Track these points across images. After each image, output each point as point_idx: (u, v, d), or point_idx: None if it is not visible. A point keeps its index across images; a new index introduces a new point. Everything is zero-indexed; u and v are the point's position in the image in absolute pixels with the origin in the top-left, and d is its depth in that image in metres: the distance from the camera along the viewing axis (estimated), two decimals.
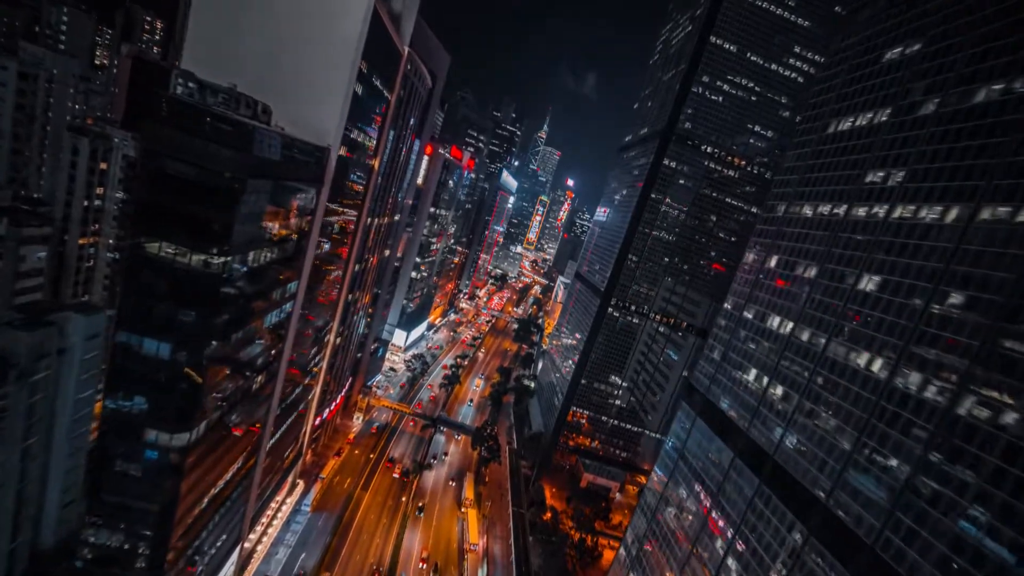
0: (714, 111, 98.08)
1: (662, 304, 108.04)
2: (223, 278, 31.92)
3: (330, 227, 53.95)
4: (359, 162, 57.59)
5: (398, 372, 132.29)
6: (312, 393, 70.89)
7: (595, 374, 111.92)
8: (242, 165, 31.78)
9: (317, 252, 51.04)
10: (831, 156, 43.18)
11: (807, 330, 40.11)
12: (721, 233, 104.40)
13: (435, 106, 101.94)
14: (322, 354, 69.23)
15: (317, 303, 58.21)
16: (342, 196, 54.58)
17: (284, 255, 42.72)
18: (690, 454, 53.39)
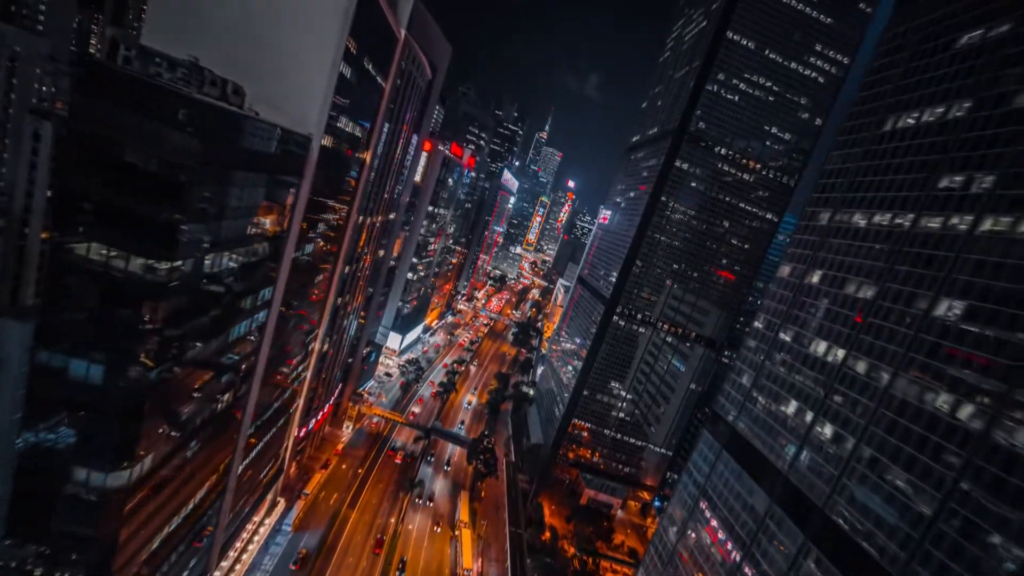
0: (729, 111, 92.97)
1: (669, 313, 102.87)
2: (170, 287, 26.45)
3: (314, 226, 48.47)
4: (349, 155, 52.12)
5: (392, 377, 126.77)
6: (295, 405, 65.38)
7: (597, 385, 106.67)
8: (198, 152, 26.33)
9: (299, 254, 45.58)
10: (889, 157, 37.70)
11: (864, 361, 34.44)
12: (734, 239, 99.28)
13: (435, 99, 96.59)
14: (306, 363, 63.73)
15: (299, 309, 52.72)
16: (328, 192, 49.11)
17: (256, 257, 37.25)
18: (715, 492, 47.46)
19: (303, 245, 46.63)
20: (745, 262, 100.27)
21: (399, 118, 74.45)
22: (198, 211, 27.93)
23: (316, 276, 55.31)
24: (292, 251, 42.66)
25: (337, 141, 45.79)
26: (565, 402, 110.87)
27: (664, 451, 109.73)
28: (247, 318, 38.09)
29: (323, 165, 44.19)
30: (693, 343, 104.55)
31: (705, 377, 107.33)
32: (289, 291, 46.63)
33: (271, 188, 37.06)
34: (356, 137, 52.49)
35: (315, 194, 44.08)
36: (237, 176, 31.69)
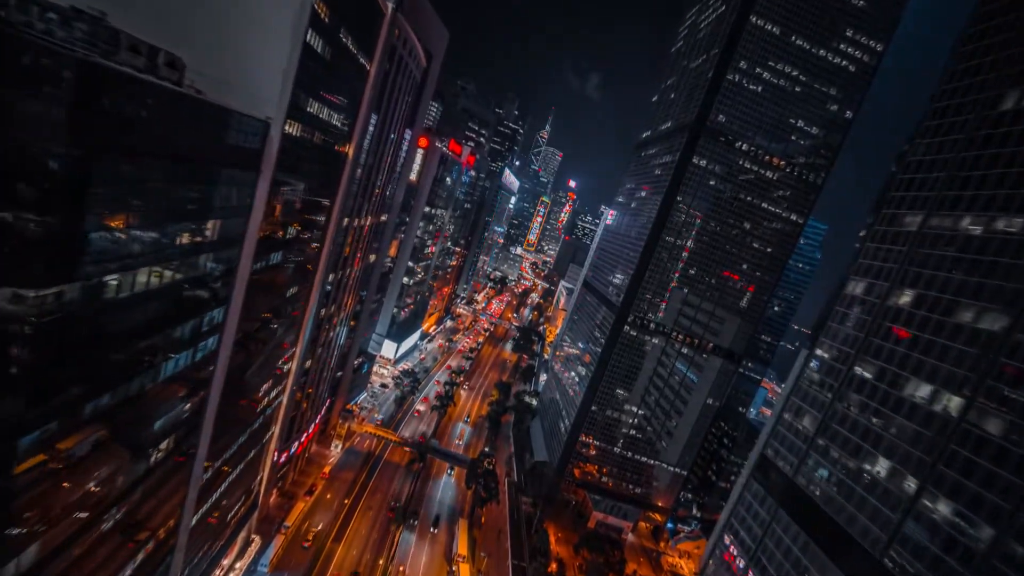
0: (751, 103, 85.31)
1: (684, 322, 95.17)
2: (44, 323, 18.78)
3: (281, 231, 40.76)
4: (325, 147, 44.42)
5: (387, 389, 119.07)
6: (270, 433, 57.74)
7: (606, 400, 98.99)
8: (82, 133, 18.71)
9: (260, 265, 37.89)
10: (1015, 144, 29.49)
11: (998, 418, 25.53)
12: (755, 243, 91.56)
13: (430, 91, 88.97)
14: (282, 386, 56.06)
15: (268, 328, 45.05)
16: (299, 190, 41.41)
17: (196, 273, 29.60)
18: (771, 562, 38.75)
19: (267, 254, 38.93)
20: (766, 267, 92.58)
21: (390, 109, 66.83)
22: (96, 216, 20.27)
23: (289, 288, 47.63)
24: (250, 263, 34.92)
25: (308, 130, 38.09)
26: (571, 417, 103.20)
27: (678, 470, 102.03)
28: (187, 349, 30.39)
29: (289, 158, 36.49)
30: (709, 354, 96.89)
31: (722, 391, 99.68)
32: (251, 309, 38.96)
33: (215, 185, 29.40)
34: (335, 127, 44.81)
35: (280, 193, 36.35)
36: (158, 169, 24.01)
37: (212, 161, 28.65)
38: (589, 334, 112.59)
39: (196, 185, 27.99)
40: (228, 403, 40.66)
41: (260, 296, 40.55)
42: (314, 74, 35.90)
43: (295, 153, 37.61)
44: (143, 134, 23.10)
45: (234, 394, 41.86)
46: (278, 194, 37.61)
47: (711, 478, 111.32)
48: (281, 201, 39.26)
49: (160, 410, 30.09)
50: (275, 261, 40.98)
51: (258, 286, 38.79)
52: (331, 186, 50.21)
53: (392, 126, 71.54)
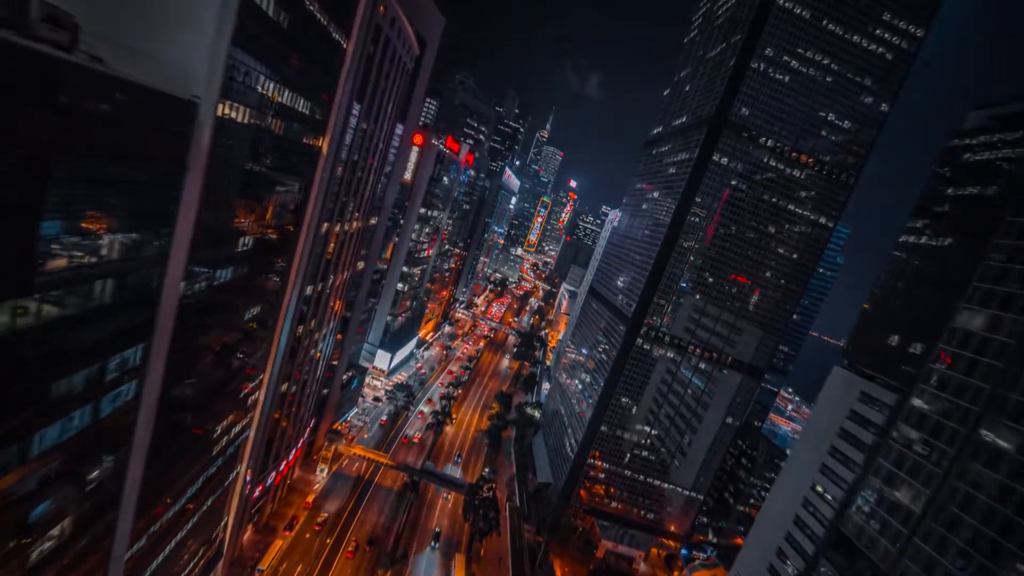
0: (777, 94, 77.50)
1: (703, 334, 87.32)
2: None
3: (227, 241, 32.90)
4: (289, 139, 36.57)
5: (379, 404, 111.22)
6: (235, 472, 49.88)
7: (616, 419, 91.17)
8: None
9: (198, 286, 30.08)
10: None
11: None
12: (780, 248, 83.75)
13: (424, 81, 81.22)
14: (249, 418, 48.22)
15: (223, 357, 37.22)
16: (250, 190, 33.54)
17: (94, 303, 21.80)
18: None
19: (210, 271, 31.09)
20: (792, 275, 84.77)
21: (376, 99, 59.06)
22: None
23: (250, 308, 39.80)
24: (179, 284, 27.11)
25: (259, 115, 30.24)
26: (577, 437, 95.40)
27: (693, 494, 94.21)
28: (82, 405, 22.56)
29: (234, 151, 28.68)
30: (728, 368, 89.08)
31: (741, 408, 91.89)
32: (192, 340, 31.18)
33: (116, 186, 21.57)
34: (301, 115, 36.95)
35: (218, 193, 28.52)
36: (29, 164, 16.22)
37: (115, 152, 20.87)
38: (597, 346, 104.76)
39: (91, 186, 20.23)
40: (167, 454, 32.91)
41: (206, 322, 32.74)
42: (263, 43, 28.05)
43: (243, 145, 29.77)
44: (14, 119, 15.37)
45: (176, 441, 34.09)
46: (222, 197, 29.79)
47: (728, 500, 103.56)
48: (230, 205, 31.46)
49: (46, 490, 22.28)
50: (224, 279, 33.13)
51: (201, 311, 31.00)
52: (301, 186, 42.37)
53: (380, 119, 63.78)
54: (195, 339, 31.63)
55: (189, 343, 30.80)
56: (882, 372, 66.28)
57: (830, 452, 69.18)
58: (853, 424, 67.59)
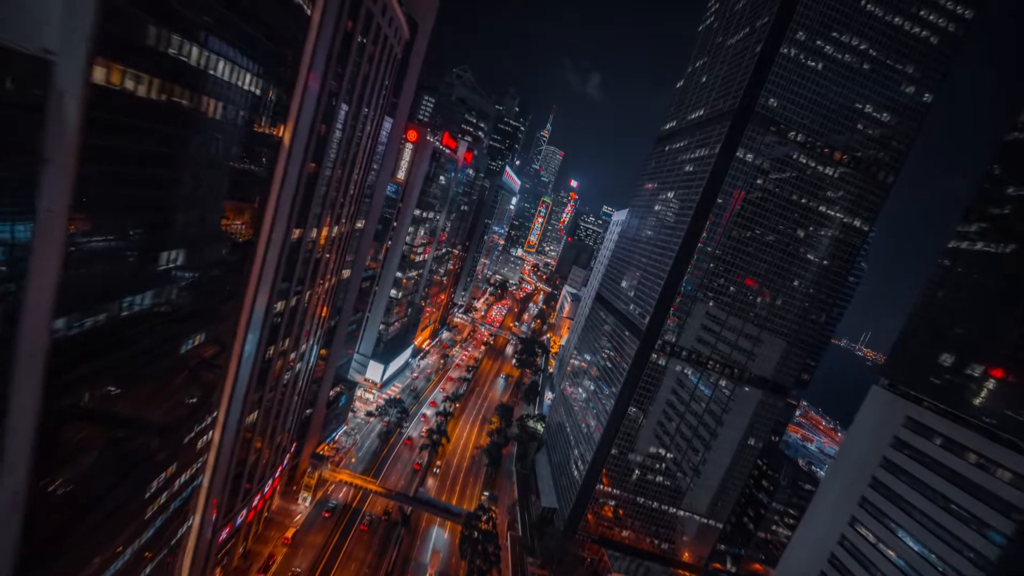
0: (810, 83, 69.60)
1: (723, 348, 79.47)
2: None
3: (146, 255, 25.04)
4: (230, 123, 28.67)
5: (372, 419, 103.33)
6: (188, 524, 42.05)
7: (626, 443, 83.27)
8: None
9: (102, 318, 22.23)
10: None
11: None
12: (809, 253, 75.87)
13: (416, 69, 73.38)
14: (200, 463, 40.34)
15: (134, 408, 29.35)
16: (168, 192, 25.61)
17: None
18: None
19: (113, 300, 23.23)
20: (821, 283, 76.93)
21: (358, 85, 51.24)
22: None
23: (188, 339, 31.92)
24: (49, 318, 19.27)
25: (171, 86, 22.33)
26: (584, 460, 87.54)
27: (712, 522, 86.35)
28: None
29: (126, 135, 20.82)
30: (750, 385, 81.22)
31: (763, 429, 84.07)
32: (80, 394, 23.33)
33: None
34: (244, 92, 29.05)
35: (109, 197, 20.63)
36: None
37: None
38: (605, 359, 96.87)
39: None
40: (70, 540, 25.14)
41: (112, 365, 24.91)
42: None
43: (147, 129, 21.89)
44: None
45: (80, 524, 26.24)
46: (120, 201, 21.94)
47: (747, 526, 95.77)
48: (138, 210, 23.63)
49: None
50: (140, 306, 25.29)
51: (98, 352, 23.18)
52: (255, 185, 34.51)
53: (364, 110, 55.94)
54: (91, 390, 23.78)
55: (79, 398, 22.94)
56: (932, 395, 58.63)
57: (872, 484, 61.56)
58: (898, 453, 60.04)
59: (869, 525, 60.44)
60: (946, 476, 53.72)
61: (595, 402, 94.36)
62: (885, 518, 58.10)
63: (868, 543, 59.46)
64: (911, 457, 58.44)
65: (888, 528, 57.63)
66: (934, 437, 57.02)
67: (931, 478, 55.30)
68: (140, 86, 20.48)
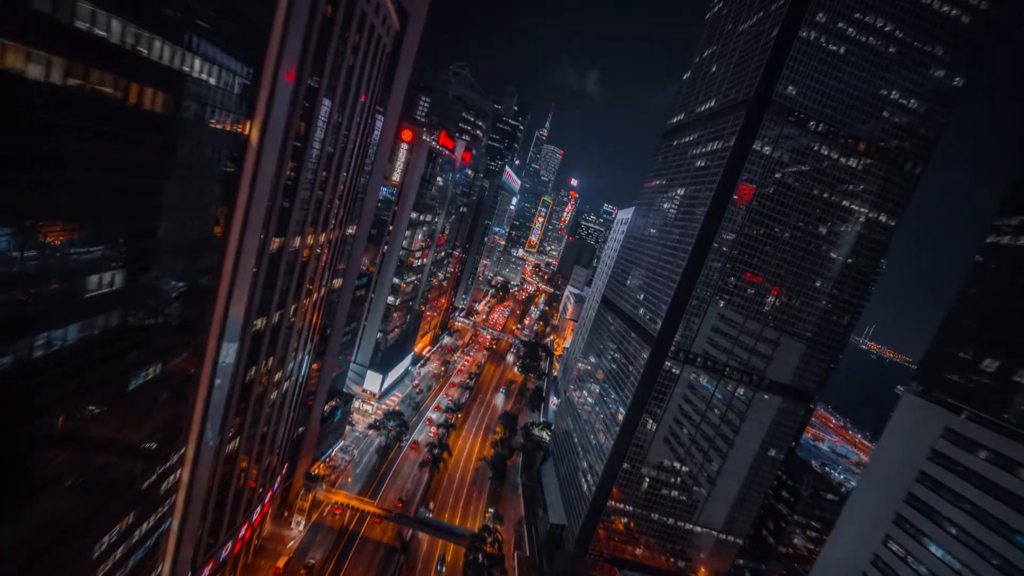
0: (831, 69, 64.68)
1: (742, 353, 74.61)
2: None
3: (80, 275, 20.48)
4: (177, 117, 23.99)
5: (371, 432, 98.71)
6: (158, 572, 37.40)
7: (638, 456, 78.46)
8: None
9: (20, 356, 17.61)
10: None
11: None
12: (831, 251, 70.96)
13: (408, 62, 68.69)
14: (167, 506, 35.71)
15: (64, 462, 24.73)
16: (93, 196, 21.04)
17: None
18: None
19: (23, 337, 18.63)
20: (845, 282, 72.01)
21: (342, 77, 46.62)
22: None
23: (137, 373, 27.29)
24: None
25: (79, 68, 17.69)
26: (595, 472, 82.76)
27: (731, 538, 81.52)
28: None
29: (19, 127, 16.22)
30: (769, 392, 76.37)
31: (784, 439, 79.19)
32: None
33: None
34: (194, 80, 24.39)
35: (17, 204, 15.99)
36: None
37: None
38: (614, 366, 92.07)
39: None
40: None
41: (32, 411, 20.30)
42: None
43: (58, 115, 17.26)
44: None
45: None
46: (30, 208, 17.32)
47: (767, 540, 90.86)
48: (56, 220, 19.03)
49: None
50: (63, 342, 20.67)
51: (11, 399, 18.59)
52: (217, 189, 29.85)
53: (351, 106, 51.31)
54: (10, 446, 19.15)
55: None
56: (973, 404, 53.79)
57: (907, 500, 56.82)
58: (937, 467, 55.26)
59: (906, 544, 55.71)
60: (995, 494, 48.90)
61: (604, 411, 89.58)
62: (924, 537, 53.43)
63: (905, 564, 54.71)
64: (952, 472, 53.69)
65: (927, 549, 52.93)
66: (978, 450, 52.18)
67: (977, 496, 50.50)
68: (37, 67, 15.84)
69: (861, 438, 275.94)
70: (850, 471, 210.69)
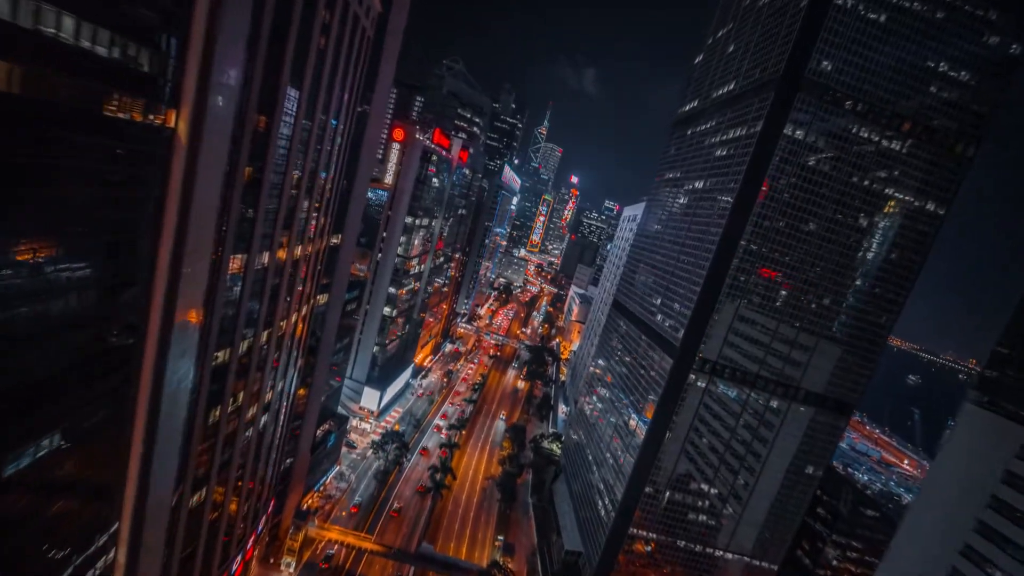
0: (872, 40, 57.22)
1: (775, 363, 67.22)
2: None
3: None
4: (51, 102, 16.92)
5: (368, 456, 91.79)
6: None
7: (662, 478, 71.17)
8: None
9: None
10: None
11: None
12: (873, 244, 63.45)
13: (393, 51, 61.65)
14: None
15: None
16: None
17: None
18: None
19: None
20: (887, 279, 64.49)
21: (312, 64, 39.57)
22: None
23: (40, 442, 20.31)
24: None
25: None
26: (613, 495, 75.52)
27: (767, 564, 74.12)
28: None
29: None
30: (805, 404, 68.95)
31: (821, 455, 71.73)
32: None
33: None
34: (80, 51, 17.32)
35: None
36: None
37: None
38: (629, 379, 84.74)
39: None
40: None
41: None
42: None
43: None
44: None
45: None
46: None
47: (802, 561, 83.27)
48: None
49: None
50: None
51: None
52: (123, 196, 22.83)
53: (324, 99, 44.26)
54: None
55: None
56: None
57: (977, 530, 49.45)
58: (1013, 492, 47.86)
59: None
60: None
61: (620, 426, 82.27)
62: (999, 574, 46.19)
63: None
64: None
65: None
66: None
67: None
68: None
69: (880, 433, 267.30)
70: (873, 470, 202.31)
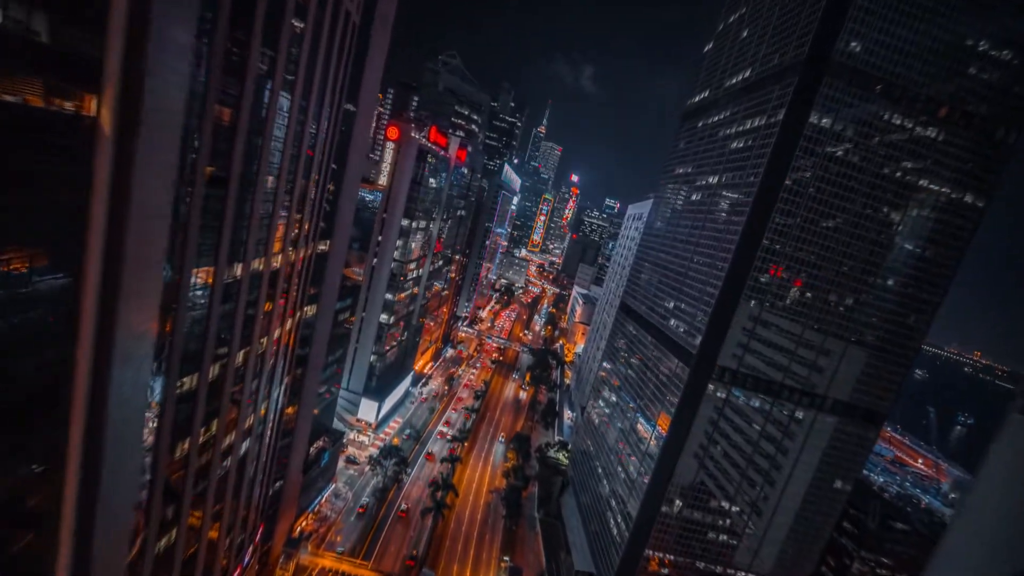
0: (904, 17, 52.33)
1: (801, 370, 62.34)
2: None
3: None
4: None
5: (366, 472, 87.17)
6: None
7: (679, 494, 66.33)
8: None
9: None
10: None
11: None
12: (906, 240, 58.51)
13: (383, 40, 56.92)
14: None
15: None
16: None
17: None
18: None
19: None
20: (921, 278, 59.54)
21: (284, 48, 34.88)
22: None
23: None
24: None
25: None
26: (627, 512, 70.76)
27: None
28: None
29: None
30: (832, 413, 64.06)
31: (850, 468, 66.84)
32: None
33: None
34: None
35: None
36: None
37: None
38: (641, 388, 79.91)
39: None
40: None
41: None
42: None
43: None
44: None
45: None
46: None
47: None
48: None
49: None
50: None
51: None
52: (37, 207, 18.18)
53: (303, 89, 39.57)
54: None
55: None
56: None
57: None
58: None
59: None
60: None
61: (631, 437, 77.45)
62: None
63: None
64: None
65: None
66: None
67: None
68: None
69: (892, 431, 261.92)
70: (888, 471, 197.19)
